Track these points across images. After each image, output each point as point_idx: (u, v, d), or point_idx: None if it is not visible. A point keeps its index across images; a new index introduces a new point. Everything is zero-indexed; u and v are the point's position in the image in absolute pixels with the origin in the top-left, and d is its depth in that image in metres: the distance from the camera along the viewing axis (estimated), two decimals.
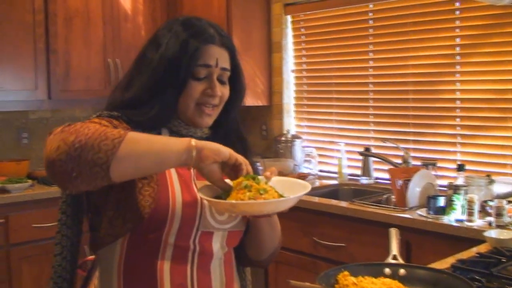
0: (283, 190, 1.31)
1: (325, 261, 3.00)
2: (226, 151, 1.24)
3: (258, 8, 4.10)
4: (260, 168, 3.65)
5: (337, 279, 1.38)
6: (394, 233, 1.65)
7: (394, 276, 1.42)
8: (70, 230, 1.44)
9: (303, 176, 3.75)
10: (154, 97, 1.39)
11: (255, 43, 4.08)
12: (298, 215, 3.12)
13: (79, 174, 1.15)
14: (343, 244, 2.93)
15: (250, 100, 4.06)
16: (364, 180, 3.56)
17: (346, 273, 1.40)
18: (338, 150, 3.77)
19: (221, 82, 1.44)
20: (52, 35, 3.75)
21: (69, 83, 3.83)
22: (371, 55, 3.64)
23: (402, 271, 1.44)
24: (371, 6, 3.60)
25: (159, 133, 1.43)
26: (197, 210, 1.36)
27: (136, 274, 1.35)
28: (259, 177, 1.30)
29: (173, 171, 1.39)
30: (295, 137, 4.00)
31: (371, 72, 3.65)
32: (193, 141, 1.22)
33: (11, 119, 4.01)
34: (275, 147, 4.02)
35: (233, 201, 1.23)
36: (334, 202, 3.06)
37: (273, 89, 4.19)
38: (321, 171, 3.91)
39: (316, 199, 3.14)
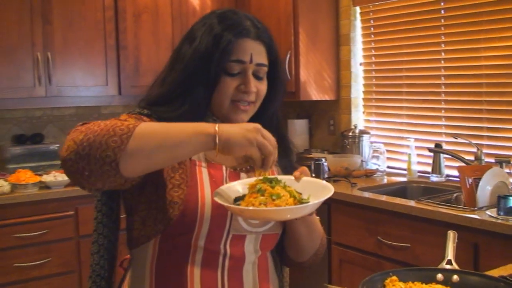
0: (309, 192, 1.24)
1: (389, 261, 2.90)
2: (254, 150, 1.14)
3: (325, 0, 4.02)
4: (325, 164, 3.60)
5: (384, 285, 1.31)
6: (451, 236, 1.56)
7: (446, 282, 1.34)
8: (106, 228, 1.43)
9: (370, 173, 3.65)
10: (185, 93, 1.34)
11: (322, 36, 4.00)
12: (363, 213, 3.03)
13: (91, 172, 1.12)
14: (408, 245, 2.82)
15: (317, 95, 3.99)
16: (434, 178, 3.41)
17: (394, 278, 1.33)
18: (407, 146, 3.63)
19: (257, 78, 1.38)
20: (121, 32, 3.84)
21: (139, 78, 3.91)
22: (443, 47, 3.48)
23: (455, 278, 1.35)
24: None
25: None
26: (228, 213, 1.31)
27: (166, 277, 1.33)
28: (280, 177, 1.24)
29: (204, 171, 1.35)
30: (363, 132, 3.90)
31: (443, 64, 3.49)
32: (217, 127, 1.14)
33: (85, 114, 4.14)
34: (342, 142, 3.93)
35: (242, 207, 1.18)
36: (399, 200, 2.95)
37: (340, 83, 4.10)
38: (389, 167, 3.79)
39: (383, 197, 3.04)
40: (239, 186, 1.29)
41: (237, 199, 1.23)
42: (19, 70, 3.48)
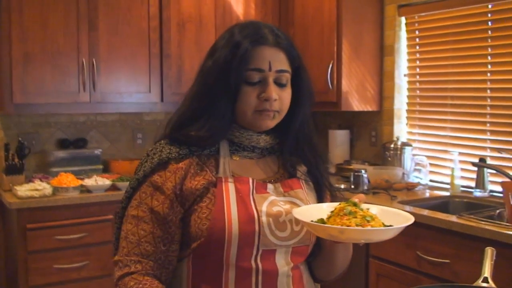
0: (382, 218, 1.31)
1: (428, 277, 2.82)
2: None
3: (370, 10, 3.97)
4: (365, 175, 3.54)
5: None
6: (489, 253, 1.51)
7: None
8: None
9: (411, 186, 3.58)
10: (209, 107, 1.34)
11: (366, 47, 3.96)
12: None
13: None
14: (447, 261, 2.74)
15: (359, 105, 3.95)
16: (477, 193, 3.31)
17: None
18: (451, 160, 3.54)
19: (280, 85, 1.36)
20: (165, 40, 3.89)
21: (181, 86, 3.94)
22: (489, 59, 3.39)
23: None
24: (490, 6, 3.35)
25: (218, 148, 1.39)
26: (255, 228, 1.31)
27: None
28: (361, 204, 1.29)
29: (231, 186, 1.35)
30: (405, 144, 3.83)
31: (489, 77, 3.40)
32: None
33: (127, 120, 4.20)
34: (384, 154, 3.87)
35: (342, 227, 1.21)
36: (440, 215, 2.87)
37: (383, 94, 4.04)
38: (432, 181, 3.70)
39: (425, 212, 2.97)
40: (314, 210, 1.35)
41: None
42: (65, 76, 3.56)
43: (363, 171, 3.57)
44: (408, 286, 2.92)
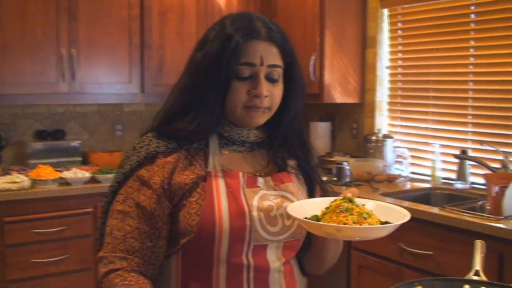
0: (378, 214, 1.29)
1: (411, 269, 2.83)
2: None
3: (353, 2, 3.96)
4: (347, 167, 3.54)
5: None
6: (479, 246, 1.50)
7: None
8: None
9: (393, 178, 3.59)
10: (198, 101, 1.31)
11: (349, 39, 3.94)
12: None
13: None
14: (430, 253, 2.74)
15: (341, 97, 3.94)
16: (458, 185, 3.33)
17: None
18: (432, 152, 3.56)
19: (271, 81, 1.33)
20: (146, 30, 3.82)
21: (162, 77, 3.89)
22: (472, 51, 3.40)
23: None
24: None
25: (208, 141, 1.36)
26: (246, 223, 1.29)
27: None
28: (355, 199, 1.27)
29: (221, 181, 1.32)
30: (387, 136, 3.83)
31: (471, 69, 3.41)
32: None
33: (107, 111, 4.14)
34: (365, 147, 3.87)
35: (340, 225, 1.18)
36: (423, 207, 2.88)
37: (365, 86, 4.03)
38: (413, 173, 3.72)
39: (406, 203, 2.97)
40: (307, 205, 1.33)
41: (310, 219, 1.26)
42: (43, 66, 3.48)
43: (345, 163, 3.56)
44: (390, 278, 2.93)
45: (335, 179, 3.55)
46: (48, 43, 3.49)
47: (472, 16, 3.38)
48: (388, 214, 1.29)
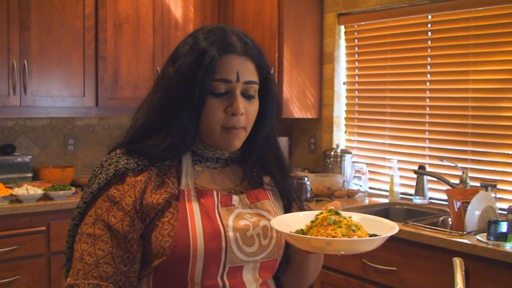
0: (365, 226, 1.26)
1: (374, 285, 2.84)
2: None
3: (310, 18, 3.98)
4: (308, 183, 3.53)
5: None
6: (458, 264, 1.50)
7: None
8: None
9: (352, 193, 3.60)
10: (171, 119, 1.25)
11: (307, 54, 3.96)
12: None
13: None
14: (394, 268, 2.76)
15: (299, 112, 3.94)
16: (417, 200, 3.37)
17: None
18: (390, 167, 3.59)
19: (247, 97, 1.28)
20: (101, 42, 3.72)
21: (117, 90, 3.78)
22: (428, 69, 3.46)
23: None
24: (430, 17, 3.43)
25: (180, 159, 1.30)
26: (222, 244, 1.24)
27: None
28: (341, 212, 1.23)
29: (194, 200, 1.26)
30: (345, 151, 3.85)
31: (428, 86, 3.47)
32: None
33: (58, 125, 3.99)
34: (324, 162, 3.87)
35: (329, 238, 1.14)
36: None
37: (323, 102, 4.05)
38: (371, 188, 3.75)
39: None
40: (290, 220, 1.29)
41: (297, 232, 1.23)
42: None
43: (305, 178, 3.55)
44: None
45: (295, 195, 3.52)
46: None
47: (429, 34, 3.45)
48: (374, 227, 1.26)
